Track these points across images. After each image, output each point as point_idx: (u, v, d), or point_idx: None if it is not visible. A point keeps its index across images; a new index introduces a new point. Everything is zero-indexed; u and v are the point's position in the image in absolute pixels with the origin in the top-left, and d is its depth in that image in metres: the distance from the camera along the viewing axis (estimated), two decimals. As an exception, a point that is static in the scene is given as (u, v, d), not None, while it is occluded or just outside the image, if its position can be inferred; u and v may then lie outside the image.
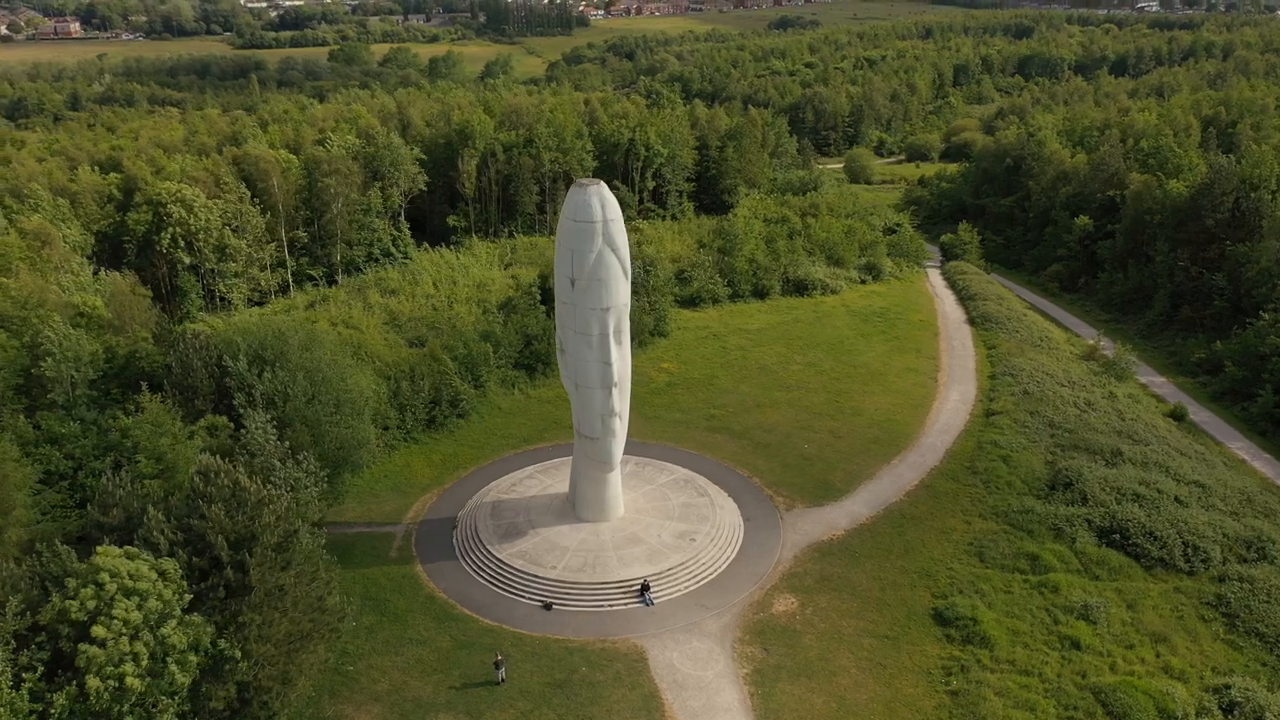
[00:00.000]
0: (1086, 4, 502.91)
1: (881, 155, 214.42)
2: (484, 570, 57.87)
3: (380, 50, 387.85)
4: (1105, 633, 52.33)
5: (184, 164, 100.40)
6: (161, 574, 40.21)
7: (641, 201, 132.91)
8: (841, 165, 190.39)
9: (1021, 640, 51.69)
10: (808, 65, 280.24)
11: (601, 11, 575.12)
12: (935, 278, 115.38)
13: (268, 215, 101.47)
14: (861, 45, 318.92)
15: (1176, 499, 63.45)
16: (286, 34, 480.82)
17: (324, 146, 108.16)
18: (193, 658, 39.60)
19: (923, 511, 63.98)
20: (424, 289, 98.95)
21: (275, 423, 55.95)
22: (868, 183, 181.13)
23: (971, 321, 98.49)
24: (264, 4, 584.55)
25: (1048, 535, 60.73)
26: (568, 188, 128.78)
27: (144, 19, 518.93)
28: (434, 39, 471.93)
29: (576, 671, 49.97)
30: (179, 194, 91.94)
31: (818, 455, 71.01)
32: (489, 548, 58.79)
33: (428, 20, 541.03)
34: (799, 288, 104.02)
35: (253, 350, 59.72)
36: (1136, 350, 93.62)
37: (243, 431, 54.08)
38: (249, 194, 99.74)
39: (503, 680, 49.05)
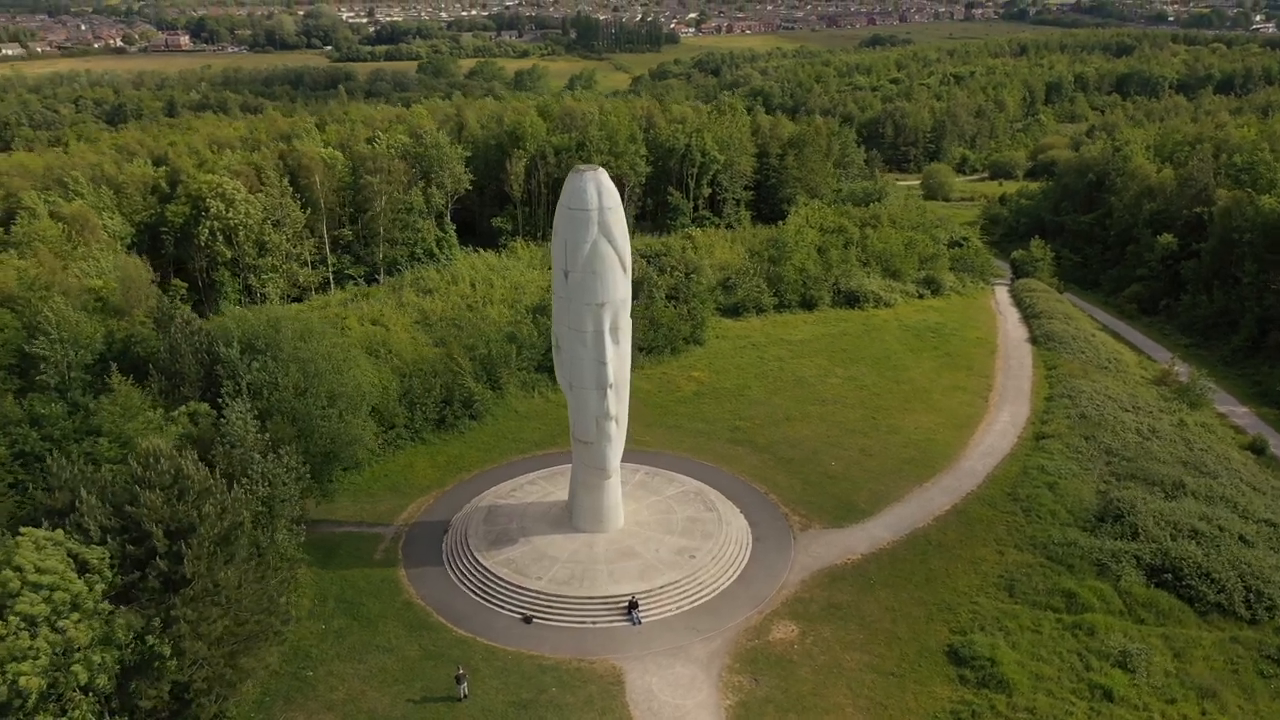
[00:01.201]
0: (1196, 24, 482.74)
1: (964, 173, 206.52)
2: (468, 578, 54.61)
3: (468, 64, 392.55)
4: (1144, 684, 46.40)
5: (229, 159, 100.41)
6: (82, 563, 37.83)
7: (696, 209, 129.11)
8: (919, 181, 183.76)
9: (1045, 687, 46.12)
10: (892, 81, 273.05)
11: (693, 29, 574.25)
12: (1002, 295, 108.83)
13: (309, 211, 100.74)
14: (951, 62, 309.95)
15: (1241, 538, 56.78)
16: (382, 48, 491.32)
17: (371, 145, 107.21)
18: (105, 654, 36.99)
19: (951, 539, 58.55)
20: (460, 289, 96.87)
21: (258, 413, 53.70)
22: (945, 199, 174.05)
23: (1034, 340, 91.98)
24: (365, 19, 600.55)
25: (1089, 571, 54.78)
26: (620, 193, 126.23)
27: (249, 33, 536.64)
28: (524, 54, 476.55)
29: (545, 691, 46.21)
30: (219, 187, 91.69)
31: (843, 474, 66.04)
32: (475, 554, 55.52)
33: (520, 36, 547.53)
34: (850, 300, 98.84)
35: (246, 339, 57.76)
36: (1217, 377, 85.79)
37: (222, 421, 51.91)
38: (290, 189, 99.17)
39: (464, 696, 45.58)
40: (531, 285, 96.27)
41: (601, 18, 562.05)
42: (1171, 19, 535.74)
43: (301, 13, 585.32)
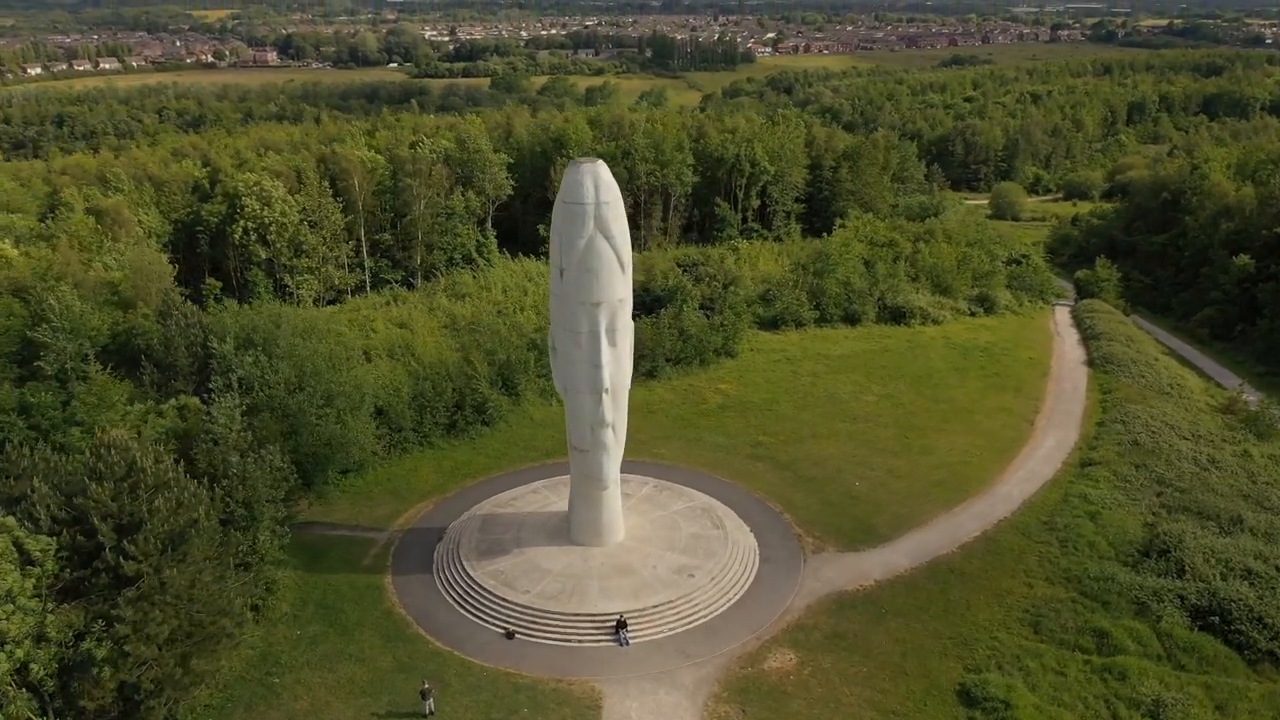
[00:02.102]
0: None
1: (1036, 193, 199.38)
2: (454, 588, 52.13)
3: (541, 81, 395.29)
4: (1178, 737, 41.77)
5: (271, 161, 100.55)
6: (24, 553, 36.26)
7: (745, 221, 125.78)
8: (988, 200, 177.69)
9: (1063, 735, 41.78)
10: (967, 100, 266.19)
11: (769, 49, 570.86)
12: (1062, 315, 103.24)
13: (348, 215, 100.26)
14: (1029, 81, 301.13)
15: (1302, 580, 51.39)
16: (460, 65, 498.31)
17: (413, 149, 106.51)
18: (42, 650, 35.27)
19: (976, 568, 54.21)
20: (493, 295, 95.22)
21: (245, 409, 52.15)
22: (1015, 219, 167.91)
23: (1091, 363, 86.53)
24: (446, 37, 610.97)
25: (1127, 610, 50.01)
26: (665, 203, 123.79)
27: (333, 49, 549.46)
28: (599, 71, 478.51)
29: (517, 713, 43.34)
30: (257, 185, 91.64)
31: (866, 495, 62.06)
32: (464, 564, 53.03)
33: (596, 54, 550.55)
34: (896, 315, 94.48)
35: (243, 333, 56.42)
36: (1291, 407, 79.46)
37: (205, 417, 50.45)
38: (330, 191, 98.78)
39: (430, 713, 42.96)
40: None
41: (678, 37, 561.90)
42: (1269, 40, 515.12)
43: (385, 30, 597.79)
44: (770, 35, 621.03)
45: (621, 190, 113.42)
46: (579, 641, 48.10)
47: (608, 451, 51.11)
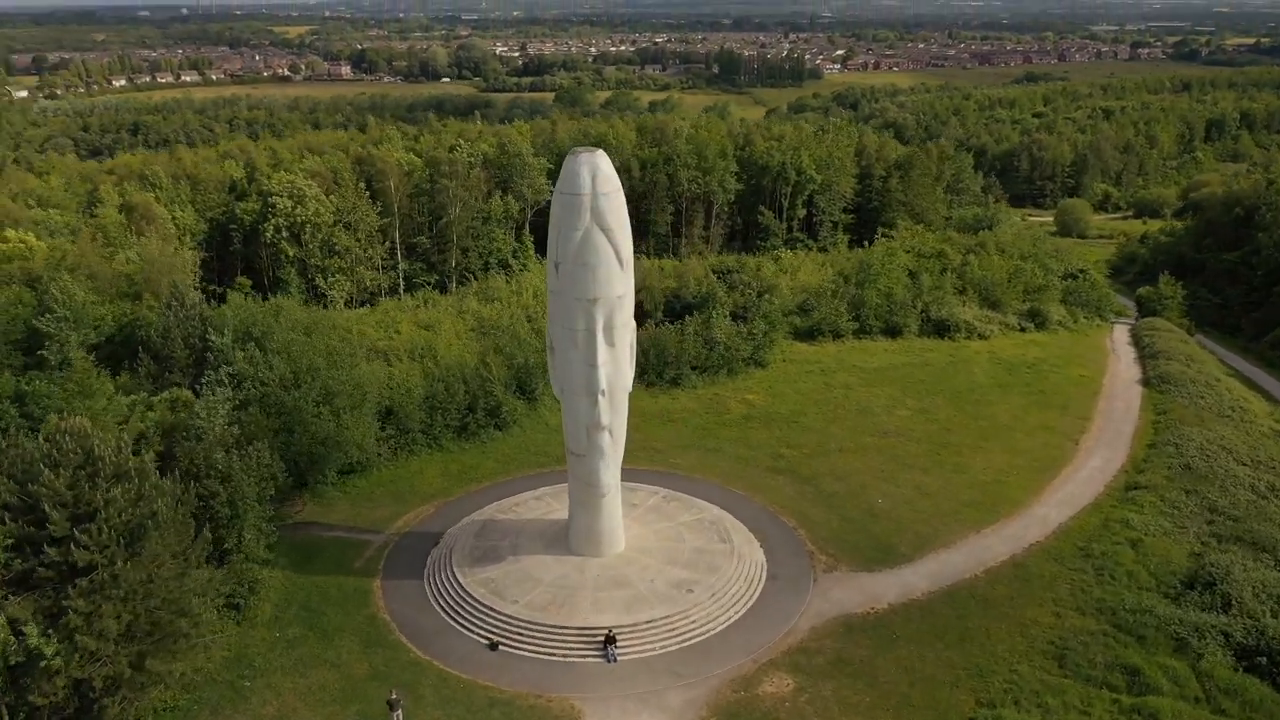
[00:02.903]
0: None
1: (1105, 210, 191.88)
2: (442, 595, 49.98)
3: (605, 95, 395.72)
4: (1212, 789, 37.68)
5: (310, 162, 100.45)
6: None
7: (790, 230, 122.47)
8: (1053, 217, 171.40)
9: (1081, 781, 37.95)
10: (1036, 115, 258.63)
11: (838, 66, 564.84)
12: (1120, 334, 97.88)
13: (385, 219, 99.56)
14: (1103, 97, 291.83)
15: (1364, 622, 46.64)
16: (527, 79, 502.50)
17: (452, 152, 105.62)
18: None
19: (1001, 594, 50.37)
20: (524, 300, 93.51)
21: (236, 404, 50.80)
22: (1081, 236, 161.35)
23: (1146, 383, 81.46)
24: (516, 53, 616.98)
25: (1164, 646, 45.84)
26: (707, 211, 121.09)
27: (404, 64, 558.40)
28: (665, 87, 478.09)
29: (488, 729, 40.93)
30: (291, 184, 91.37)
31: (889, 512, 58.49)
32: (455, 570, 50.87)
33: (663, 70, 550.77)
34: (940, 329, 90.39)
35: (242, 327, 55.21)
36: (1366, 435, 73.65)
37: (194, 409, 49.18)
38: (366, 193, 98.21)
39: (398, 725, 40.78)
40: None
41: (746, 53, 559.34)
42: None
43: (455, 46, 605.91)
44: (840, 52, 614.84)
45: (662, 197, 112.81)
46: (564, 656, 45.56)
47: (604, 456, 48.58)
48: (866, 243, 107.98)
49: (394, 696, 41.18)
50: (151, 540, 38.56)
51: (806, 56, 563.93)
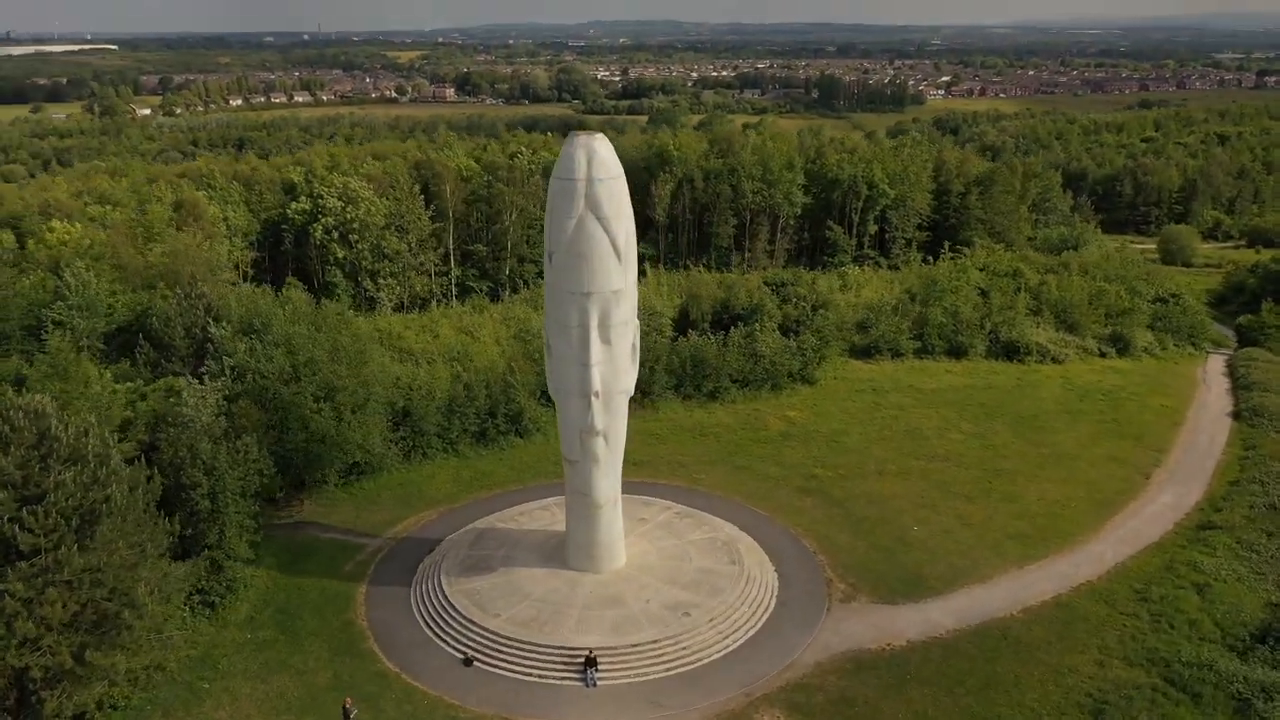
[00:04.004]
0: None
1: (1215, 238, 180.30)
2: (425, 604, 47.16)
3: (698, 118, 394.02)
4: None
5: (367, 166, 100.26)
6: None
7: (861, 246, 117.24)
8: (1155, 244, 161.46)
9: None
10: (1144, 140, 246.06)
11: (942, 92, 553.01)
12: (1215, 364, 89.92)
13: (438, 223, 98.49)
14: (1219, 123, 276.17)
15: None
16: (625, 102, 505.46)
17: (511, 159, 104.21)
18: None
19: (1038, 637, 45.01)
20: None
21: (229, 396, 49.16)
22: (1186, 264, 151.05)
23: (1237, 415, 74.07)
24: (617, 77, 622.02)
25: (1222, 706, 40.03)
26: (773, 225, 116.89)
27: (506, 87, 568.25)
28: (761, 110, 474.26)
29: (443, 751, 37.74)
30: (344, 186, 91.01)
31: (923, 541, 53.46)
32: (441, 579, 48.03)
33: (762, 94, 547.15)
34: (1009, 351, 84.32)
35: (245, 319, 53.74)
36: None
37: (177, 399, 47.66)
38: (421, 197, 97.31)
39: (350, 738, 37.94)
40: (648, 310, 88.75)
41: (847, 78, 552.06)
42: None
43: (557, 69, 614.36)
44: (945, 78, 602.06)
45: (725, 209, 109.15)
46: (541, 677, 42.12)
47: (598, 464, 45.20)
48: (933, 259, 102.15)
49: (348, 705, 38.42)
50: (104, 527, 36.62)
51: (910, 82, 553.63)
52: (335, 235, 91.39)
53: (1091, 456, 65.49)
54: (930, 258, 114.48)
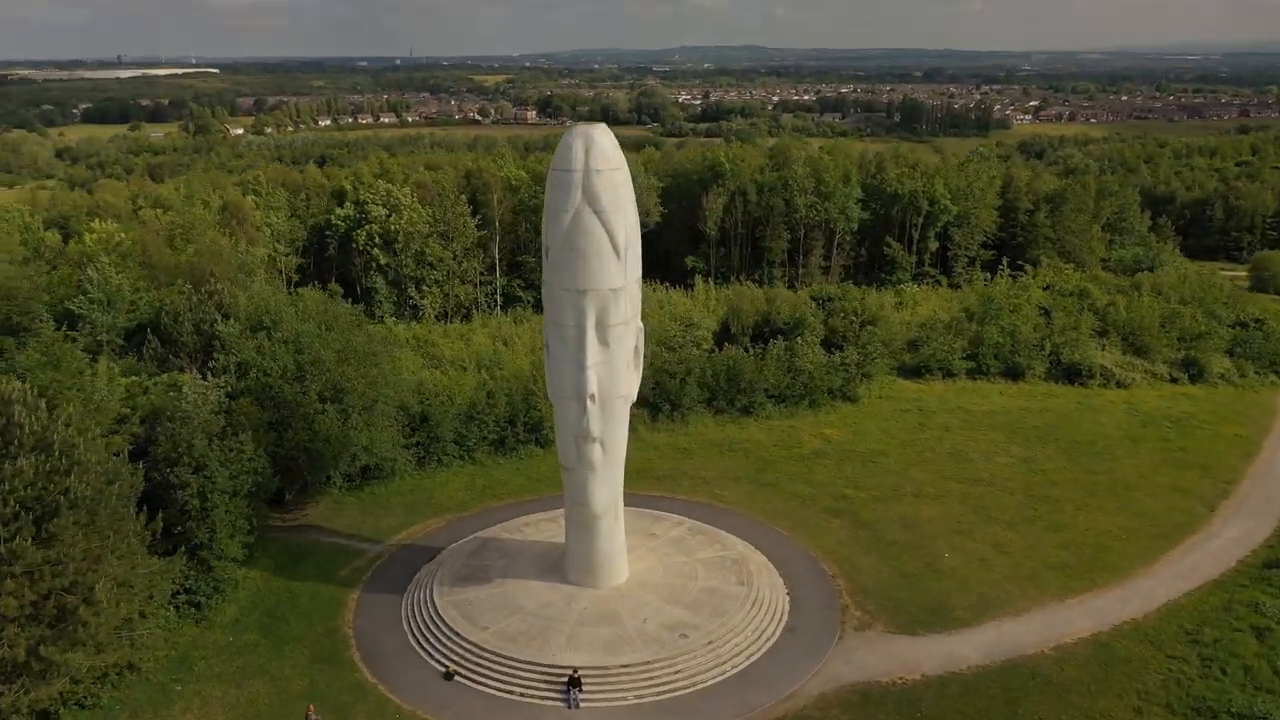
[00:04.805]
0: None
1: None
2: (414, 614, 45.19)
3: (773, 141, 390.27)
4: None
5: (418, 175, 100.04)
6: None
7: (921, 264, 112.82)
8: (1246, 271, 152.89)
9: None
10: (1239, 164, 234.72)
11: (1029, 117, 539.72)
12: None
13: (484, 232, 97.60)
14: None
15: None
16: (704, 125, 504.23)
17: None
18: None
19: (1070, 677, 41.00)
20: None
21: (230, 393, 48.16)
22: (1279, 293, 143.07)
23: (1320, 448, 68.32)
24: (697, 100, 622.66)
25: (1275, 764, 35.59)
26: (828, 240, 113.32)
27: (587, 109, 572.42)
28: (841, 134, 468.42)
29: (408, 769, 35.53)
30: (387, 193, 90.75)
31: (955, 569, 49.65)
32: (434, 589, 46.05)
33: (842, 118, 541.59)
34: (1070, 373, 79.43)
35: (254, 316, 52.84)
36: None
37: (175, 393, 46.76)
38: (468, 206, 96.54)
39: (311, 749, 36.01)
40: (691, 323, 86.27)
41: (931, 102, 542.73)
42: None
43: (637, 92, 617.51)
44: (1033, 103, 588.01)
45: (779, 223, 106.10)
46: (522, 695, 39.71)
47: (595, 472, 42.74)
48: (990, 276, 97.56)
49: (311, 714, 36.58)
50: (63, 518, 35.50)
51: (996, 107, 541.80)
52: (378, 242, 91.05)
53: (1151, 486, 60.68)
54: (994, 276, 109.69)
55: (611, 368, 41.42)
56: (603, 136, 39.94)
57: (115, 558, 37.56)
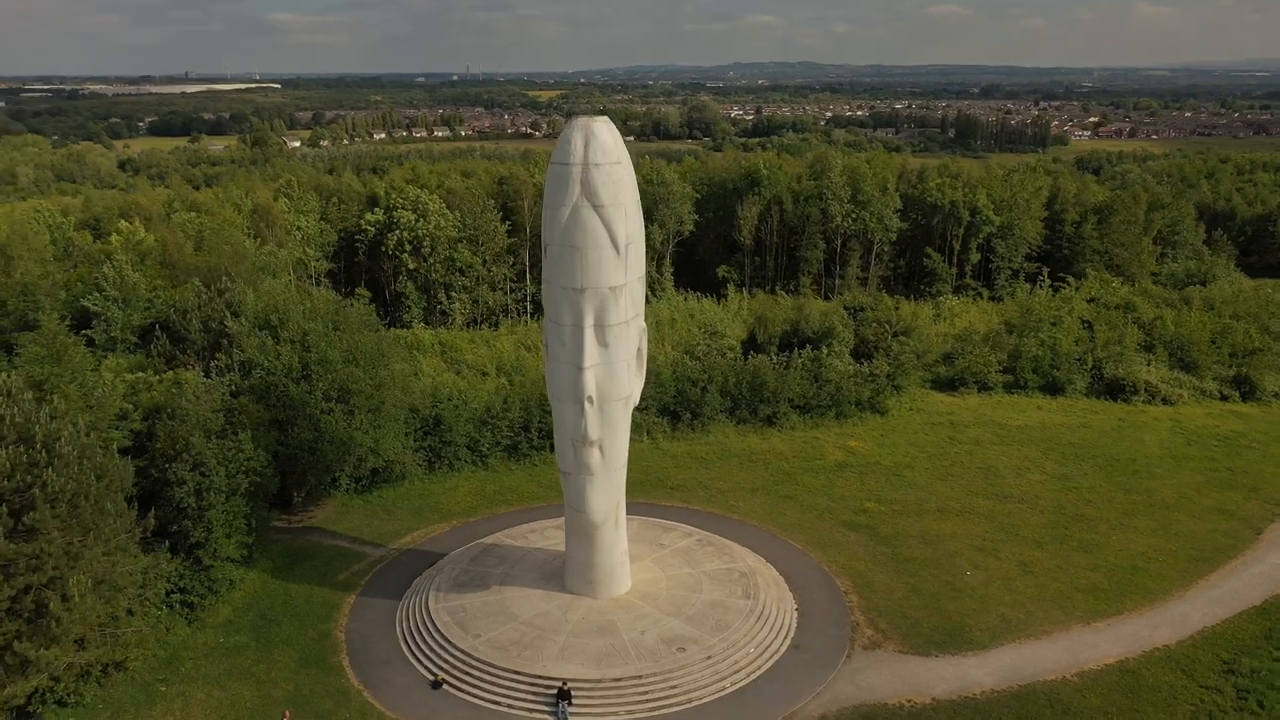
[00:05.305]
0: None
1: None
2: (408, 619, 44.03)
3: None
4: None
5: (451, 181, 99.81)
6: None
7: (962, 276, 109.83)
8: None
9: None
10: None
11: (1088, 133, 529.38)
12: (1362, 415, 79.45)
13: (513, 238, 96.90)
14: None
15: None
16: (755, 140, 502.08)
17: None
18: None
19: (1092, 705, 38.49)
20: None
21: (233, 391, 47.57)
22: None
23: (1380, 470, 64.48)
24: (749, 115, 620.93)
25: (1312, 807, 32.86)
26: (866, 250, 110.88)
27: (639, 124, 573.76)
28: (894, 149, 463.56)
29: (384, 780, 34.22)
30: (416, 198, 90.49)
31: (976, 588, 47.27)
32: (430, 595, 44.85)
33: (896, 133, 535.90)
34: (1113, 389, 76.26)
35: (263, 314, 52.32)
36: None
37: (175, 389, 46.24)
38: (497, 212, 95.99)
39: (285, 755, 34.90)
40: (717, 332, 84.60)
41: (987, 119, 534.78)
42: None
43: (689, 107, 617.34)
44: (1092, 119, 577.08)
45: (815, 233, 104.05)
46: (509, 706, 38.26)
47: (592, 478, 41.21)
48: (1032, 287, 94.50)
49: (286, 718, 35.45)
50: (41, 511, 34.89)
51: (1055, 123, 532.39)
52: (408, 247, 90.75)
53: (1194, 507, 57.56)
54: (1034, 288, 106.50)
55: (611, 369, 39.99)
56: (603, 129, 38.58)
57: (101, 554, 36.87)
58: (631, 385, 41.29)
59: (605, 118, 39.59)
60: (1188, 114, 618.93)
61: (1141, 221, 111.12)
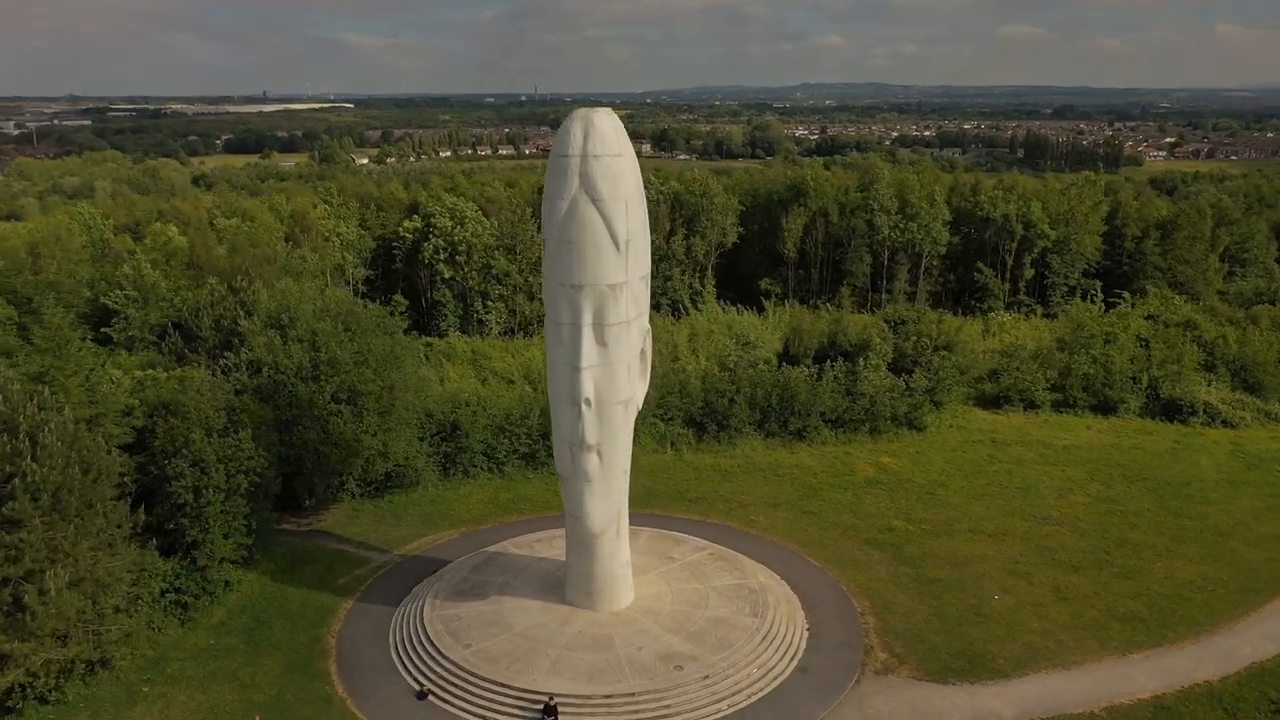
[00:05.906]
0: None
1: None
2: (401, 628, 42.67)
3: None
4: None
5: (491, 190, 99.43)
6: None
7: (1015, 292, 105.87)
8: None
9: None
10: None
11: (1163, 153, 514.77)
12: None
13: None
14: None
15: None
16: (819, 160, 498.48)
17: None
18: None
19: (1120, 744, 35.53)
20: (674, 339, 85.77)
21: (238, 389, 46.95)
22: None
23: None
24: (814, 135, 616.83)
25: None
26: (914, 264, 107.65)
27: (701, 143, 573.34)
28: (966, 169, 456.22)
29: (354, 793, 32.73)
30: (453, 205, 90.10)
31: (1003, 614, 44.39)
32: (426, 603, 43.47)
33: (963, 153, 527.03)
34: (1169, 410, 72.27)
35: (275, 314, 51.75)
36: None
37: (179, 385, 45.74)
38: (534, 220, 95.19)
39: (256, 764, 33.64)
40: (753, 343, 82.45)
41: (1059, 139, 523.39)
42: None
43: (752, 127, 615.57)
44: (1169, 140, 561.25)
45: (860, 245, 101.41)
46: (496, 719, 36.53)
47: (590, 484, 39.50)
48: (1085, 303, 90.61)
49: (256, 724, 34.30)
50: (21, 502, 34.29)
51: (1129, 143, 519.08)
52: (444, 255, 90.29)
53: (1250, 535, 53.76)
54: (1086, 302, 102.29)
55: (610, 370, 38.28)
56: (603, 120, 36.99)
57: (87, 549, 36.18)
58: (633, 388, 39.53)
59: (608, 109, 38.03)
60: (1270, 134, 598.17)
61: (1208, 237, 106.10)
